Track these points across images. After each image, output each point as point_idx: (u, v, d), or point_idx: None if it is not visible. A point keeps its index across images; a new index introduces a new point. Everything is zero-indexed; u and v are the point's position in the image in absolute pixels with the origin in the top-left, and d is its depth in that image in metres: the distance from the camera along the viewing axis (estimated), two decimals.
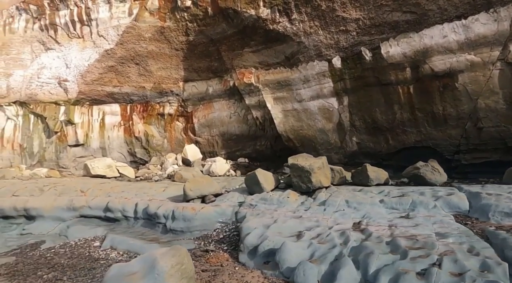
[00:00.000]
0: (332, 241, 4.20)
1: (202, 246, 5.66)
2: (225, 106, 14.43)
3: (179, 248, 3.60)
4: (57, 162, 14.64)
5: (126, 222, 8.18)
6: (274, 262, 4.05)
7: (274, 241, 4.44)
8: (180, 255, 3.50)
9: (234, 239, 5.77)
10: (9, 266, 5.95)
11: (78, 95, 14.34)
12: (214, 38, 13.22)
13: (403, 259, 3.33)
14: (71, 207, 8.73)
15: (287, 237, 4.64)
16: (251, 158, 14.38)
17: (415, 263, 3.19)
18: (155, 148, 15.29)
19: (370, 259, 3.35)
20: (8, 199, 9.15)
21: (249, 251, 4.58)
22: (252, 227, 5.14)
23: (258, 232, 4.82)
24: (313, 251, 4.01)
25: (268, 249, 4.37)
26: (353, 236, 4.28)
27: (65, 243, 7.13)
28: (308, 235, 4.53)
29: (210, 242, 5.85)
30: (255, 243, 4.61)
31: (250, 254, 4.54)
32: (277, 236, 4.64)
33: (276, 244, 4.41)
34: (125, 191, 9.40)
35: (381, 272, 3.12)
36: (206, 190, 8.05)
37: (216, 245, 5.56)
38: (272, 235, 4.62)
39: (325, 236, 4.44)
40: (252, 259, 4.39)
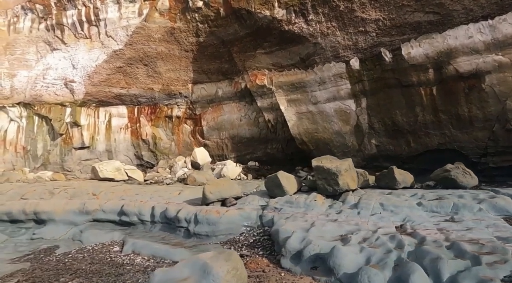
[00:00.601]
0: (385, 245, 3.95)
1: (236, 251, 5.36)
2: (235, 109, 14.20)
3: (231, 252, 3.33)
4: (62, 165, 14.24)
5: (143, 226, 7.85)
6: (325, 268, 3.78)
7: (320, 245, 4.18)
8: (233, 259, 3.23)
9: (266, 243, 5.50)
10: (26, 272, 5.60)
11: (85, 97, 14.02)
12: (226, 40, 13.03)
13: (477, 265, 3.09)
14: (84, 211, 8.38)
15: (330, 241, 4.38)
16: (262, 162, 14.12)
17: (494, 269, 2.96)
18: (162, 151, 14.97)
19: (441, 265, 3.11)
20: (16, 202, 8.79)
21: (292, 256, 4.31)
22: (289, 230, 4.87)
23: (299, 235, 4.56)
24: (367, 255, 3.75)
25: (314, 254, 4.11)
26: (405, 240, 4.03)
27: (81, 248, 6.79)
28: (354, 239, 4.27)
29: (241, 246, 5.56)
30: (298, 247, 4.34)
31: (294, 259, 4.27)
32: (320, 240, 4.38)
33: (322, 249, 4.14)
34: (139, 194, 9.07)
35: (460, 279, 2.87)
36: (227, 193, 7.77)
37: (249, 250, 5.28)
38: (315, 239, 4.35)
39: (373, 240, 4.19)
40: (297, 264, 4.12)
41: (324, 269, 3.83)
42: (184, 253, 5.50)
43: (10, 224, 8.70)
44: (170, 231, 7.24)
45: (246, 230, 6.45)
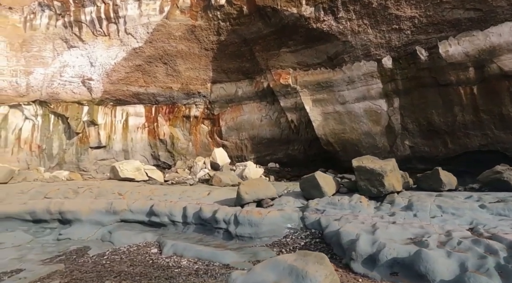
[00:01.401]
0: (473, 250, 3.64)
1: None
2: (256, 109, 13.91)
3: (321, 255, 3.01)
4: (78, 164, 13.93)
5: (174, 227, 7.53)
6: (411, 273, 3.46)
7: (396, 249, 3.86)
8: (327, 263, 2.91)
9: (320, 246, 5.18)
10: (64, 274, 5.27)
11: (103, 95, 13.75)
12: (248, 38, 12.78)
13: None
14: (111, 211, 8.06)
15: (404, 244, 4.06)
16: (282, 163, 13.81)
17: None
18: (179, 152, 14.67)
19: None
20: (40, 201, 8.46)
21: (364, 260, 3.99)
22: (352, 232, 4.56)
23: (366, 238, 4.24)
24: (460, 261, 3.43)
25: (392, 258, 3.78)
26: (493, 244, 3.71)
27: (115, 250, 6.45)
28: (432, 242, 3.95)
29: (293, 249, 5.23)
30: (370, 251, 4.02)
31: (366, 263, 3.95)
32: (393, 243, 4.06)
33: (399, 252, 3.82)
34: (167, 194, 8.76)
35: None
36: (263, 194, 7.45)
37: None
38: (388, 242, 4.03)
39: (455, 244, 3.87)
40: (373, 269, 3.79)
41: (409, 275, 3.51)
42: (233, 256, 5.17)
43: (33, 223, 8.37)
44: (206, 232, 6.91)
45: (290, 232, 6.13)
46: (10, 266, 5.98)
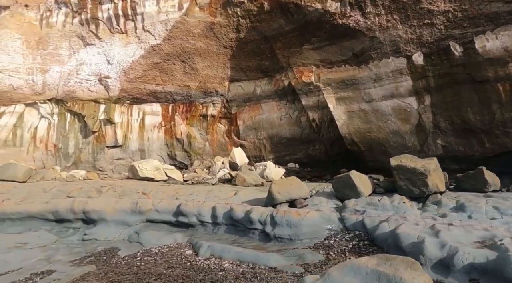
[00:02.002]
0: None
1: (336, 257, 4.73)
2: (275, 108, 13.63)
3: (411, 260, 2.70)
4: (94, 163, 13.72)
5: (203, 228, 7.25)
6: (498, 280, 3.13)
7: (471, 253, 3.54)
8: (420, 269, 2.60)
9: (372, 249, 4.86)
10: (99, 276, 5.00)
11: (120, 93, 13.54)
12: (268, 35, 12.52)
13: None
14: (137, 210, 7.80)
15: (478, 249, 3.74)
16: (302, 163, 13.50)
17: None
18: (196, 151, 14.40)
19: None
20: (63, 201, 8.23)
21: (434, 265, 3.68)
22: (413, 235, 4.25)
23: (433, 241, 3.92)
24: None
25: (469, 263, 3.46)
26: None
27: (146, 251, 6.18)
28: (510, 246, 3.62)
29: (340, 252, 4.93)
30: (440, 255, 3.71)
31: (437, 268, 3.64)
32: (464, 247, 3.74)
33: (475, 257, 3.50)
34: (193, 194, 8.49)
35: None
36: (296, 193, 7.16)
37: (356, 256, 4.63)
38: (460, 246, 3.71)
39: None
40: (448, 275, 3.48)
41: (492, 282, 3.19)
42: (278, 258, 4.86)
43: (56, 223, 8.14)
44: (238, 233, 6.62)
45: (331, 234, 5.83)
46: (40, 267, 5.74)
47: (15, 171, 10.32)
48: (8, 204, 8.23)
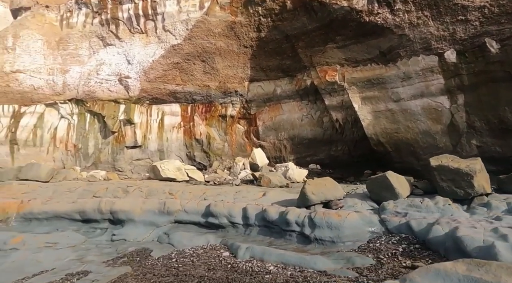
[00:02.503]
0: None
1: (389, 261, 4.48)
2: (296, 108, 13.41)
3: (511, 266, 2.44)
4: (113, 164, 13.66)
5: (234, 229, 7.05)
6: None
7: None
8: None
9: (426, 253, 4.61)
10: (137, 277, 4.83)
11: (140, 93, 13.47)
12: (290, 34, 12.32)
13: None
14: (165, 211, 7.64)
15: None
16: (324, 164, 13.24)
17: None
18: (215, 152, 14.25)
19: None
20: (90, 201, 8.12)
21: None
22: (478, 238, 3.98)
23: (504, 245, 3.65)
24: None
25: None
26: None
27: (180, 252, 6.00)
28: None
29: (391, 256, 4.67)
30: None
31: None
32: None
33: None
34: (220, 194, 8.29)
35: None
36: (331, 194, 6.92)
37: (415, 261, 4.37)
38: None
39: None
40: None
41: None
42: (325, 262, 4.64)
43: (82, 223, 8.04)
44: (273, 235, 6.40)
45: (373, 237, 5.57)
46: (74, 267, 5.60)
47: (39, 170, 10.27)
48: (34, 204, 8.16)
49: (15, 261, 6.09)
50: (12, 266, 5.93)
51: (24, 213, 8.04)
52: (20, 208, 8.11)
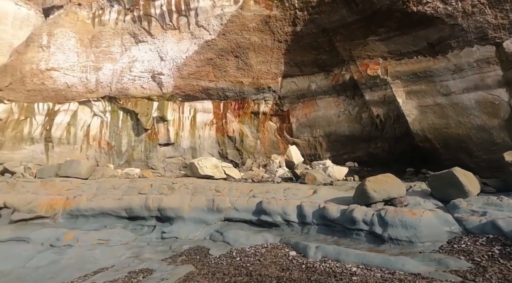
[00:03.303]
0: None
1: (490, 264, 4.07)
2: (333, 104, 12.99)
3: None
4: (146, 161, 13.56)
5: (289, 228, 6.75)
6: None
7: None
8: None
9: None
10: (206, 276, 4.58)
11: (174, 90, 13.32)
12: (328, 28, 11.92)
13: None
14: (214, 208, 7.40)
15: None
16: (361, 162, 12.77)
17: None
18: (247, 149, 13.97)
19: None
20: (136, 197, 7.95)
21: None
22: None
23: None
24: None
25: None
26: None
27: (241, 251, 5.73)
28: None
29: (490, 258, 4.26)
30: None
31: None
32: None
33: None
34: (269, 191, 7.98)
35: None
36: (395, 192, 6.52)
37: None
38: None
39: None
40: None
41: None
42: (414, 264, 4.28)
43: (128, 220, 7.88)
44: (335, 234, 6.06)
45: (453, 237, 5.16)
46: (133, 265, 5.42)
47: (79, 167, 10.21)
48: (80, 200, 8.06)
49: (71, 257, 5.97)
50: (70, 262, 5.80)
51: (70, 210, 7.94)
52: (66, 204, 8.03)
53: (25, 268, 5.67)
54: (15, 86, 13.65)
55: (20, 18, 16.94)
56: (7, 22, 16.51)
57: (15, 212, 7.64)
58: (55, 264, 5.77)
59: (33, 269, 5.60)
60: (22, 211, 7.59)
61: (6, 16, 16.50)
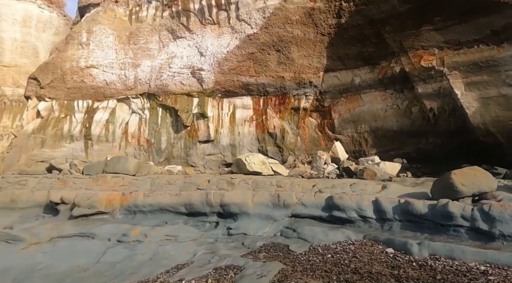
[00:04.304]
0: None
1: None
2: (379, 98, 12.48)
3: None
4: (186, 159, 13.33)
5: (365, 224, 6.35)
6: None
7: None
8: None
9: None
10: (306, 273, 4.22)
11: (214, 86, 13.07)
12: (376, 18, 11.44)
13: None
14: (280, 204, 7.05)
15: None
16: (410, 159, 12.21)
17: None
18: (288, 146, 13.57)
19: None
20: (196, 193, 7.67)
21: None
22: None
23: None
24: None
25: None
26: None
27: (326, 247, 5.36)
28: None
29: None
30: None
31: None
32: None
33: None
34: (335, 186, 7.58)
35: None
36: (486, 185, 6.03)
37: None
38: None
39: None
40: None
41: None
42: None
43: (187, 216, 7.60)
44: (425, 230, 5.62)
45: None
46: (215, 262, 5.11)
47: (127, 164, 10.06)
48: (138, 196, 7.83)
49: (145, 253, 5.73)
50: (145, 258, 5.55)
51: (128, 205, 7.73)
52: (123, 200, 7.82)
53: (100, 263, 5.44)
54: (55, 84, 13.66)
55: (43, 21, 17.15)
56: (30, 25, 16.73)
57: (75, 207, 7.46)
58: (130, 259, 5.52)
59: (110, 264, 5.37)
60: (82, 207, 7.40)
61: (30, 19, 16.72)
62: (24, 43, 16.44)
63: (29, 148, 13.42)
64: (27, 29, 16.59)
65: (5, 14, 16.13)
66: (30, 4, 16.87)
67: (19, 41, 16.24)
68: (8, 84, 16.07)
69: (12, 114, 16.39)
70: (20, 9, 16.42)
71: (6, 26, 16.08)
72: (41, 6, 17.11)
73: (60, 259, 5.70)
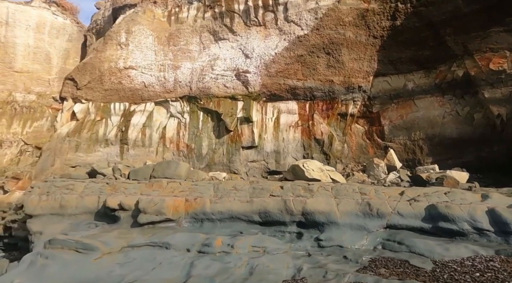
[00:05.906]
0: None
1: None
2: (436, 104, 11.80)
3: None
4: (229, 165, 12.60)
5: (482, 238, 5.60)
6: None
7: None
8: None
9: None
10: None
11: (261, 89, 12.47)
12: (435, 20, 10.90)
13: None
14: (373, 213, 6.29)
15: None
16: (470, 168, 11.43)
17: None
18: (335, 154, 12.85)
19: None
20: (271, 200, 6.92)
21: None
22: None
23: None
24: None
25: None
26: None
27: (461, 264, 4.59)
28: None
29: None
30: None
31: None
32: None
33: None
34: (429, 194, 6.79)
35: None
36: None
37: None
38: None
39: None
40: None
41: None
42: None
43: (260, 226, 6.83)
44: None
45: None
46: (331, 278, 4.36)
47: (178, 169, 9.38)
48: (205, 202, 7.08)
49: (239, 266, 4.96)
50: (242, 272, 4.80)
51: (195, 213, 6.99)
52: (189, 207, 7.08)
53: (194, 277, 4.68)
54: (93, 85, 13.12)
55: (57, 27, 16.95)
56: (44, 31, 16.50)
57: (140, 214, 6.72)
58: (227, 273, 4.77)
59: (207, 278, 4.61)
60: (148, 213, 6.66)
61: (44, 25, 16.50)
62: (37, 49, 16.19)
63: (63, 152, 12.77)
64: (40, 35, 16.32)
65: (19, 20, 15.91)
66: (44, 10, 16.67)
67: (32, 47, 16.01)
68: (19, 90, 15.70)
69: (23, 120, 15.93)
70: (34, 15, 16.26)
71: (19, 32, 15.84)
72: (55, 12, 16.96)
73: (142, 270, 4.96)
